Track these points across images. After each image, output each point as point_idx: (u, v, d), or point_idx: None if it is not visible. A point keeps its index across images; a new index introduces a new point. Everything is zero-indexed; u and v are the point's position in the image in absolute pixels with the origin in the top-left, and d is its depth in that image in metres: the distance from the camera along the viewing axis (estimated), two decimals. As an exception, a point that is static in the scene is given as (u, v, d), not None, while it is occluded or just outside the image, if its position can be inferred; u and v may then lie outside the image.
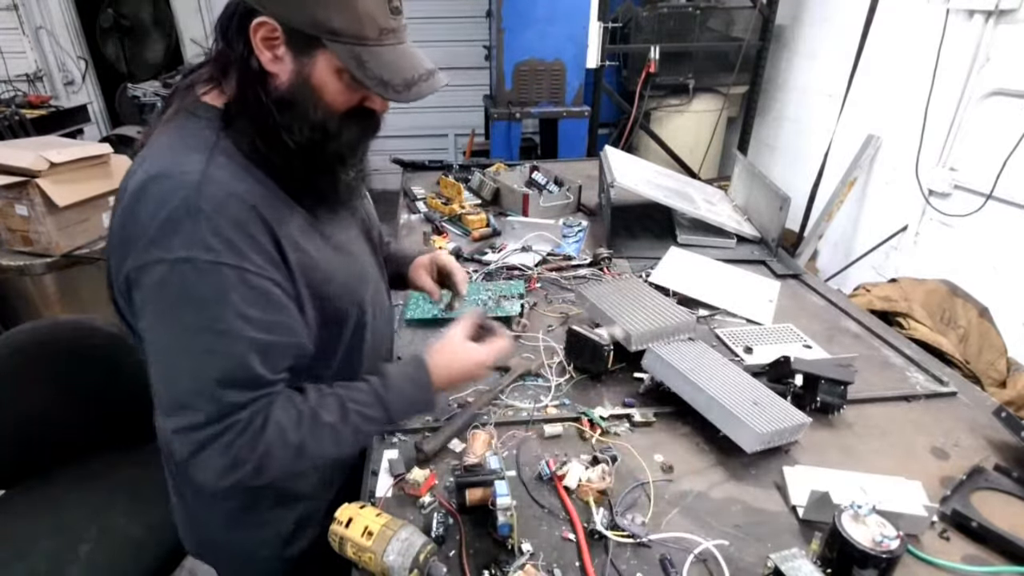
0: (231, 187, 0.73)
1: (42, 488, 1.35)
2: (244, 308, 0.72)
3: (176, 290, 0.70)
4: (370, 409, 0.84)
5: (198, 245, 0.69)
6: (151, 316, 0.72)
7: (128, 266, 0.72)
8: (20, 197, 2.32)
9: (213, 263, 0.70)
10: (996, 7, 2.46)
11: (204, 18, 5.26)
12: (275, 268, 0.76)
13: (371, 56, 0.74)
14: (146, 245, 0.70)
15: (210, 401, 0.72)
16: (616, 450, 1.00)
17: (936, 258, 2.90)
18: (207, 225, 0.69)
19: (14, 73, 4.95)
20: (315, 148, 0.79)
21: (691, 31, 3.86)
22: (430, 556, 0.75)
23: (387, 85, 0.74)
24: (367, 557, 0.74)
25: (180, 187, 0.70)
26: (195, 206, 0.69)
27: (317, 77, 0.75)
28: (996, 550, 0.85)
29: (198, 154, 0.74)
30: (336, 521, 0.77)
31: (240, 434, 0.73)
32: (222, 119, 0.77)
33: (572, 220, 2.00)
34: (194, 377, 0.72)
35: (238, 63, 0.75)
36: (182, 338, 0.72)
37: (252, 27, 0.72)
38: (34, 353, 1.34)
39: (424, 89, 0.77)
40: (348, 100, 0.79)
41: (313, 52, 0.74)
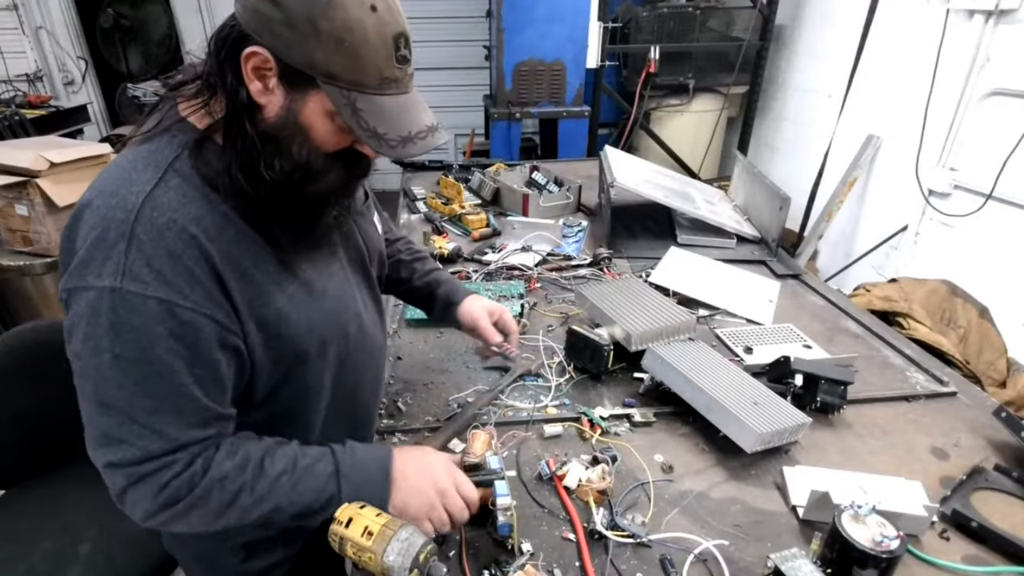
0: (175, 212, 0.69)
1: (42, 488, 1.35)
2: (172, 343, 0.68)
3: (105, 319, 0.66)
4: (322, 469, 0.79)
5: (128, 275, 0.65)
6: (80, 342, 0.68)
7: (61, 285, 0.69)
8: (20, 197, 2.31)
9: (141, 295, 0.66)
10: (996, 7, 2.46)
11: (204, 18, 5.27)
12: (213, 303, 0.71)
13: (368, 104, 0.70)
14: (78, 267, 0.67)
15: (145, 436, 0.70)
16: (616, 450, 1.00)
17: (936, 258, 2.90)
18: (139, 254, 0.66)
19: (14, 73, 4.95)
20: (294, 186, 0.74)
21: (691, 31, 3.86)
22: (430, 556, 0.75)
23: (380, 138, 0.71)
24: (367, 557, 0.74)
25: (120, 208, 0.67)
26: (130, 231, 0.66)
27: (307, 116, 0.71)
28: (996, 550, 0.85)
29: (150, 172, 0.70)
30: (336, 521, 0.77)
31: (176, 475, 0.71)
32: (195, 141, 0.73)
33: (572, 220, 2.00)
34: (126, 411, 0.69)
35: (226, 89, 0.71)
36: (113, 369, 0.68)
37: (244, 55, 0.68)
38: (34, 353, 1.34)
39: (420, 147, 0.73)
40: (338, 142, 0.75)
41: (306, 91, 0.70)
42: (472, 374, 1.25)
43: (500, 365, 1.26)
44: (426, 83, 4.64)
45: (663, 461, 1.01)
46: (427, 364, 1.28)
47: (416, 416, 1.12)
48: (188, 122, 0.75)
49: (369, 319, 0.96)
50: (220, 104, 0.73)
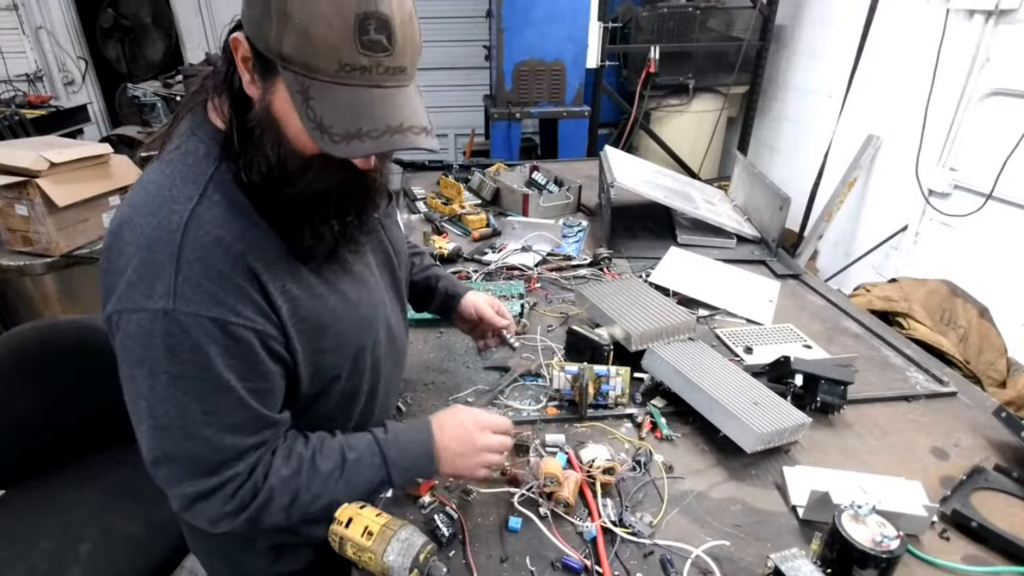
0: (219, 231, 0.68)
1: (42, 488, 1.35)
2: (228, 359, 0.69)
3: (160, 341, 0.66)
4: (370, 461, 0.82)
5: (180, 296, 0.65)
6: (133, 364, 0.68)
7: (110, 307, 0.68)
8: (20, 197, 2.32)
9: (194, 315, 0.66)
10: (996, 7, 2.46)
11: (204, 18, 5.27)
12: (263, 318, 0.71)
13: (320, 93, 0.62)
14: (127, 289, 0.66)
15: (205, 452, 0.71)
16: (647, 452, 1.01)
17: (936, 258, 2.90)
18: (189, 274, 0.66)
19: (14, 73, 4.95)
20: (272, 189, 0.70)
21: (691, 31, 3.86)
22: (430, 556, 0.75)
23: (324, 131, 0.62)
24: (367, 557, 0.74)
25: (164, 228, 0.66)
26: (178, 251, 0.65)
27: (277, 107, 0.66)
28: (996, 550, 0.85)
29: (191, 188, 0.69)
30: (336, 521, 0.77)
31: (241, 485, 0.72)
32: (222, 145, 0.71)
33: (572, 220, 2.00)
34: (186, 429, 0.69)
35: (223, 82, 0.70)
36: (170, 389, 0.68)
37: (231, 43, 0.66)
38: (34, 353, 1.34)
39: (368, 147, 0.63)
40: (312, 143, 0.65)
41: (273, 77, 0.65)
42: (472, 374, 1.25)
43: (500, 365, 1.26)
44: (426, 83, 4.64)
45: (663, 461, 1.01)
46: (427, 364, 1.28)
47: (416, 416, 1.12)
48: (213, 124, 0.73)
49: (396, 323, 0.96)
50: (222, 101, 0.72)
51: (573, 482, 0.91)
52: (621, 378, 1.12)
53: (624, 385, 1.12)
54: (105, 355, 1.37)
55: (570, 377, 1.11)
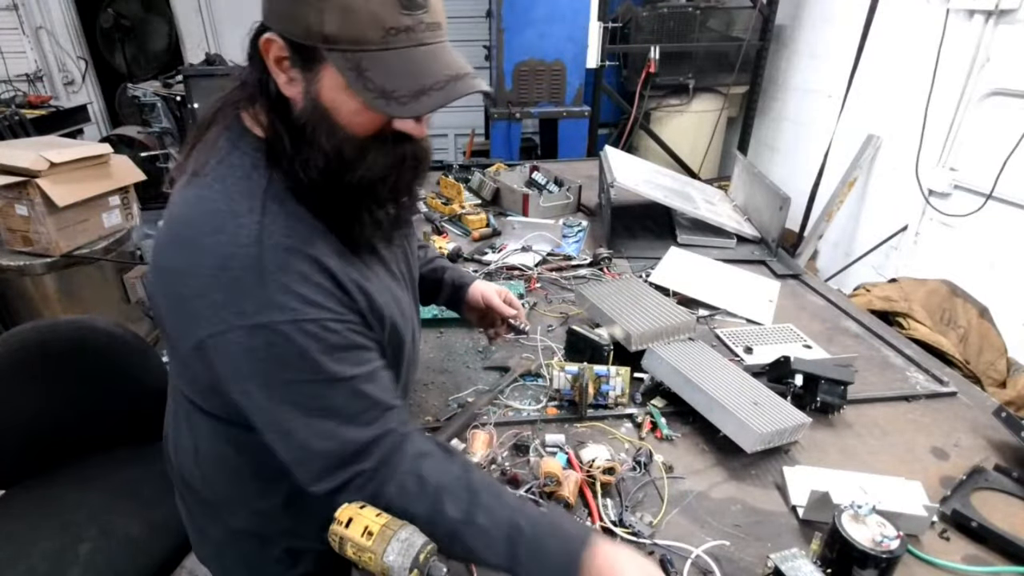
0: (289, 239, 0.68)
1: (42, 488, 1.35)
2: (334, 354, 0.69)
3: (264, 353, 0.66)
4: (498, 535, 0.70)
5: (273, 307, 0.65)
6: (244, 380, 0.68)
7: (201, 333, 0.67)
8: (20, 197, 2.32)
9: (292, 322, 0.66)
10: (996, 7, 2.46)
11: (204, 18, 5.27)
12: (352, 312, 0.72)
13: (374, 63, 0.62)
14: (215, 310, 0.65)
15: (334, 449, 0.70)
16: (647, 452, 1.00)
17: (936, 258, 2.90)
18: (276, 286, 0.65)
19: (14, 73, 4.95)
20: (333, 181, 0.69)
21: (691, 31, 3.86)
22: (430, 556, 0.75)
23: (389, 97, 0.62)
24: (367, 557, 0.74)
25: (236, 244, 0.65)
26: (259, 266, 0.65)
27: (326, 96, 0.65)
28: (996, 550, 0.85)
29: (249, 201, 0.68)
30: (336, 521, 0.77)
31: (370, 480, 0.72)
32: (267, 155, 0.70)
33: (572, 220, 2.00)
34: (309, 429, 0.69)
35: (258, 88, 0.69)
36: (286, 396, 0.68)
37: (262, 46, 0.65)
38: (34, 353, 1.33)
39: (438, 99, 0.63)
40: (369, 121, 0.67)
41: (317, 66, 0.64)
42: (472, 374, 1.25)
43: (500, 365, 1.26)
44: (426, 83, 4.63)
45: (663, 461, 1.01)
46: (427, 364, 1.28)
47: (416, 416, 1.12)
48: (253, 135, 0.72)
49: (417, 318, 0.97)
50: (259, 108, 0.71)
51: (573, 482, 0.91)
52: (621, 378, 1.12)
53: (624, 385, 1.12)
54: (105, 355, 1.39)
55: (570, 377, 1.11)
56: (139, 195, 2.93)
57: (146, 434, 1.48)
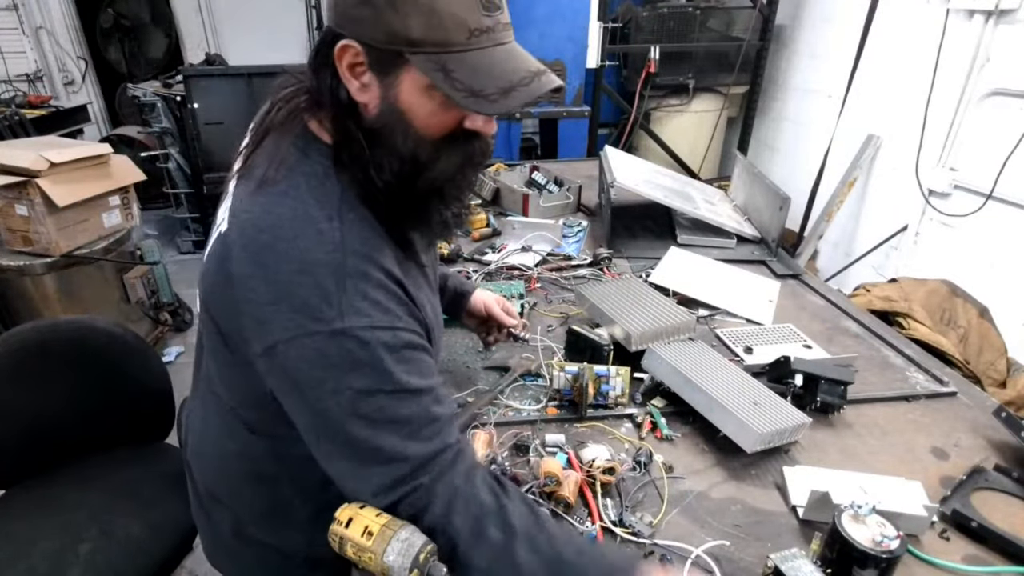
0: (365, 247, 0.68)
1: (42, 488, 1.35)
2: (405, 366, 0.69)
3: (338, 359, 0.65)
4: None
5: (352, 312, 0.65)
6: (310, 388, 0.67)
7: (272, 338, 0.66)
8: (20, 197, 2.32)
9: (369, 328, 0.66)
10: (996, 7, 2.46)
11: (204, 18, 5.27)
12: (418, 323, 0.73)
13: (459, 64, 0.63)
14: (290, 315, 0.65)
15: (396, 461, 0.69)
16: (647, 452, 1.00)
17: (936, 258, 2.90)
18: (355, 291, 0.65)
19: (14, 73, 4.95)
20: (407, 184, 0.70)
21: (691, 31, 3.86)
22: (430, 556, 0.75)
23: (478, 95, 0.64)
24: (367, 557, 0.74)
25: (318, 250, 0.65)
26: (338, 272, 0.65)
27: (404, 99, 0.66)
28: (996, 550, 0.85)
29: (328, 209, 0.68)
30: (336, 521, 0.77)
31: (427, 493, 0.70)
32: (335, 163, 0.71)
33: (572, 220, 2.00)
34: (375, 440, 0.68)
35: (328, 96, 0.69)
36: (353, 405, 0.67)
37: (336, 54, 0.66)
38: (34, 353, 1.34)
39: (524, 95, 0.66)
40: (443, 122, 0.68)
41: (397, 70, 0.65)
42: (472, 374, 1.25)
43: (500, 365, 1.26)
44: (426, 83, 4.63)
45: (663, 461, 1.01)
46: (427, 364, 1.28)
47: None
48: (323, 142, 0.72)
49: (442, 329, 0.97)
50: (328, 116, 0.71)
51: (573, 482, 0.91)
52: (621, 378, 1.12)
53: (624, 385, 1.12)
54: (105, 355, 1.39)
55: (570, 377, 1.11)
56: (139, 195, 2.93)
57: (146, 434, 1.48)
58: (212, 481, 0.93)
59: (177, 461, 1.39)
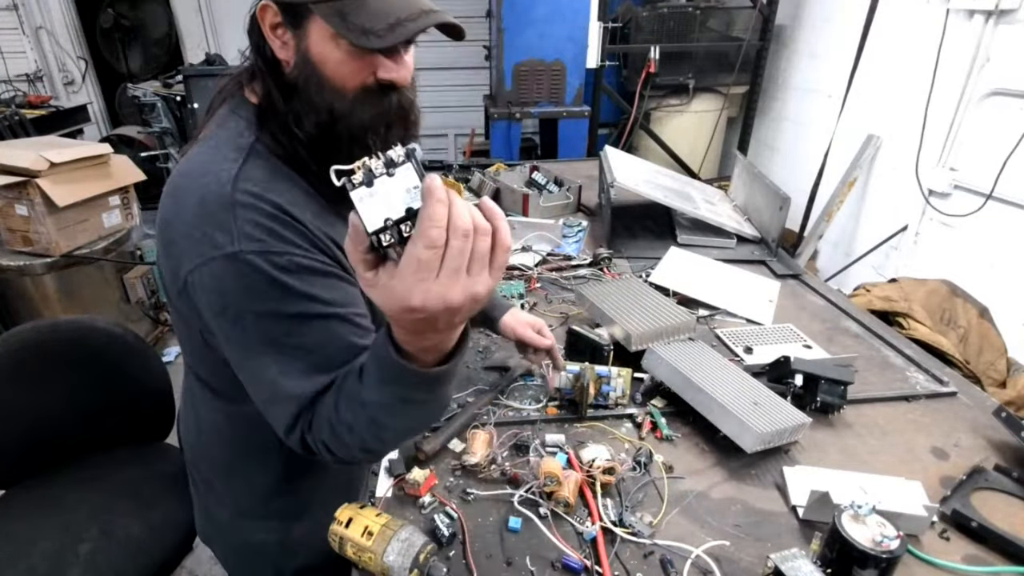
0: (263, 185, 0.70)
1: (42, 488, 1.35)
2: (305, 288, 0.69)
3: (233, 283, 0.67)
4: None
5: (241, 238, 0.67)
6: (216, 316, 0.70)
7: (183, 270, 0.69)
8: (20, 197, 2.32)
9: (260, 252, 0.67)
10: (996, 7, 2.46)
11: (204, 18, 5.27)
12: (322, 252, 0.73)
13: (353, 6, 0.66)
14: (192, 245, 0.68)
15: (302, 384, 0.68)
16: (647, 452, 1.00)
17: (936, 258, 2.90)
18: (245, 219, 0.67)
19: (14, 73, 4.95)
20: (327, 135, 0.72)
21: (691, 31, 3.86)
22: (430, 556, 0.75)
23: (369, 33, 0.66)
24: (367, 557, 0.74)
25: (216, 183, 0.69)
26: (231, 201, 0.68)
27: (314, 50, 0.70)
28: (996, 550, 0.85)
29: (234, 152, 0.72)
30: (336, 521, 0.77)
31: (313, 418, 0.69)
32: (258, 119, 0.75)
33: (572, 220, 2.00)
34: (280, 365, 0.68)
35: (256, 57, 0.74)
36: (255, 328, 0.68)
37: (258, 15, 0.70)
38: (34, 353, 1.34)
39: (410, 29, 0.68)
40: (355, 71, 0.71)
41: (305, 23, 0.69)
42: (472, 374, 1.25)
43: (500, 365, 1.26)
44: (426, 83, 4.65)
45: (663, 461, 1.01)
46: (427, 364, 1.28)
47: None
48: (250, 103, 0.77)
49: None
50: (256, 76, 0.75)
51: (573, 482, 0.91)
52: (622, 379, 1.12)
53: (625, 386, 1.12)
54: (105, 355, 1.39)
55: (571, 376, 1.11)
56: (139, 195, 2.93)
57: (146, 434, 1.48)
58: (193, 449, 0.96)
59: (177, 461, 1.39)
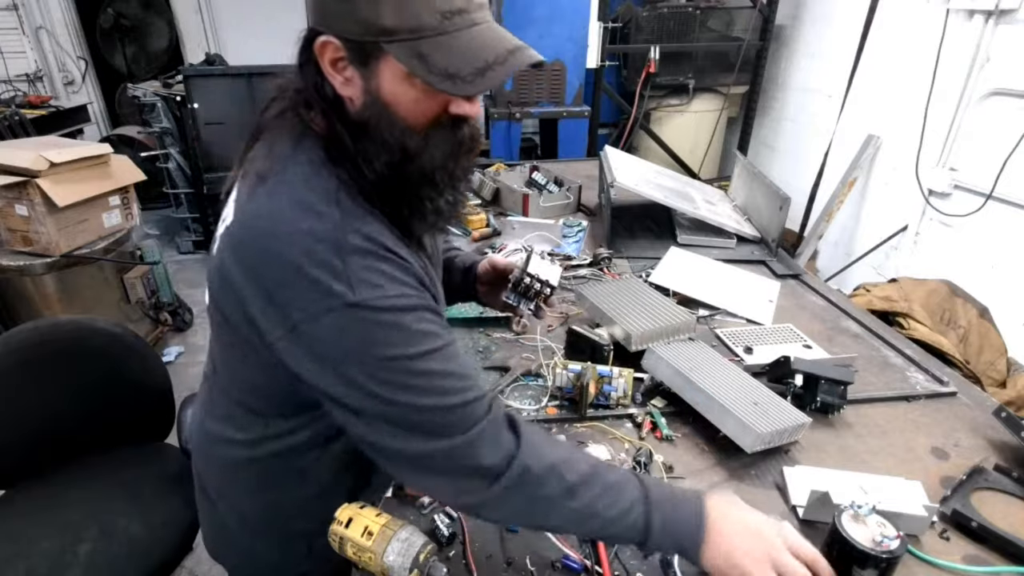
0: (366, 228, 0.68)
1: (42, 488, 1.35)
2: (425, 325, 0.69)
3: (356, 332, 0.65)
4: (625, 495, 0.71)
5: (360, 285, 0.65)
6: (337, 365, 0.67)
7: (294, 319, 0.66)
8: (20, 197, 2.32)
9: (383, 298, 0.66)
10: (996, 7, 2.46)
11: (204, 18, 5.27)
12: (431, 297, 0.73)
13: (434, 48, 0.63)
14: (301, 296, 0.65)
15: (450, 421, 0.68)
16: (647, 452, 1.00)
17: (936, 258, 2.90)
18: (361, 263, 0.65)
19: (14, 73, 4.95)
20: (398, 174, 0.70)
21: (691, 31, 3.86)
22: (430, 556, 0.75)
23: (455, 78, 0.63)
24: (367, 557, 0.74)
25: (323, 232, 0.65)
26: (343, 249, 0.65)
27: (386, 89, 0.67)
28: (996, 550, 0.85)
29: (324, 196, 0.68)
30: (336, 521, 0.77)
31: (496, 426, 0.70)
32: (328, 155, 0.71)
33: (572, 220, 2.00)
34: (417, 407, 0.67)
35: (314, 92, 0.70)
36: (382, 373, 0.66)
37: (316, 50, 0.67)
38: (34, 353, 1.34)
39: (500, 74, 0.65)
40: (428, 109, 0.68)
41: (376, 62, 0.65)
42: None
43: (500, 365, 1.26)
44: (426, 83, 4.63)
45: (663, 461, 1.01)
46: (427, 364, 1.28)
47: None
48: (312, 136, 0.72)
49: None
50: (317, 114, 0.71)
51: None
52: (624, 379, 1.12)
53: (627, 386, 1.12)
54: (105, 355, 1.39)
55: (572, 376, 1.11)
56: (139, 195, 2.93)
57: (146, 434, 1.48)
58: (216, 477, 0.92)
59: (177, 461, 1.39)
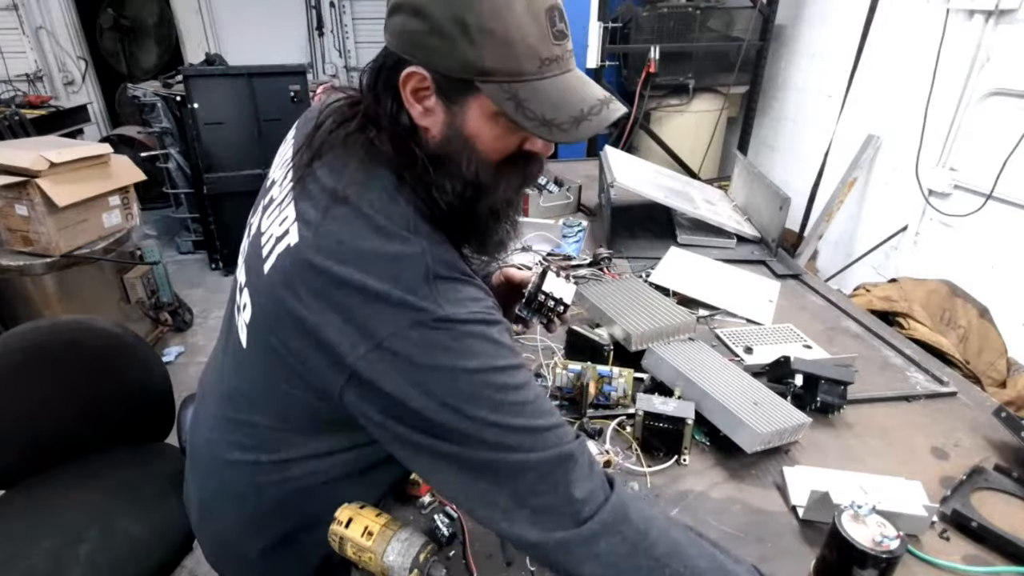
0: (447, 255, 0.68)
1: (42, 488, 1.35)
2: (507, 339, 0.68)
3: (445, 346, 0.63)
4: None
5: (449, 303, 0.64)
6: (423, 379, 0.63)
7: (379, 336, 0.63)
8: (20, 197, 2.32)
9: (469, 314, 0.65)
10: (996, 7, 2.46)
11: (204, 18, 5.27)
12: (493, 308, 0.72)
13: (531, 93, 0.64)
14: (389, 315, 0.63)
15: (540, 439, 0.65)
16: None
17: (936, 258, 2.90)
18: (448, 288, 0.65)
19: (14, 73, 4.95)
20: (468, 206, 0.71)
21: (691, 31, 3.86)
22: (430, 556, 0.75)
23: (551, 125, 0.64)
24: (367, 557, 0.74)
25: (405, 254, 0.65)
26: (430, 274, 0.64)
27: (471, 126, 0.67)
28: (996, 550, 0.86)
29: (403, 220, 0.68)
30: (336, 521, 0.77)
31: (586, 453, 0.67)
32: (399, 181, 0.70)
33: (572, 220, 2.00)
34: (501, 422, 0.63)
35: (388, 118, 0.69)
36: (470, 386, 0.63)
37: (401, 79, 0.66)
38: (34, 353, 1.33)
39: (595, 124, 0.66)
40: (505, 146, 0.69)
41: (465, 98, 0.66)
42: (472, 374, 1.25)
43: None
44: (426, 83, 4.63)
45: (663, 461, 1.01)
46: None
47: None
48: (377, 152, 0.71)
49: None
50: (386, 138, 0.70)
51: None
52: (624, 379, 1.12)
53: (627, 386, 1.12)
54: (105, 355, 1.39)
55: (572, 376, 1.11)
56: (139, 195, 2.93)
57: (146, 434, 1.48)
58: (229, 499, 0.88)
59: (177, 461, 1.39)
